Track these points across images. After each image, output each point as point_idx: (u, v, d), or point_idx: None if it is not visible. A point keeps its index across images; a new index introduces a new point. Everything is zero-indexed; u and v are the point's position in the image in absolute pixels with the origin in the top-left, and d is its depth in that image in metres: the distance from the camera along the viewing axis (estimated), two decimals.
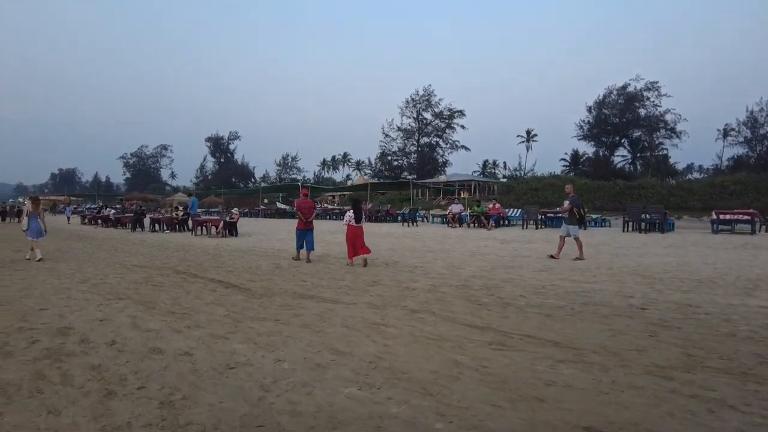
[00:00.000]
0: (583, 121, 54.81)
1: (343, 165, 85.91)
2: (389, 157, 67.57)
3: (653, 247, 11.04)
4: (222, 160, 78.44)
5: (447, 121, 65.56)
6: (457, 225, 18.67)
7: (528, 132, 69.95)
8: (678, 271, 7.36)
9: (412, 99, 65.52)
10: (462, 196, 47.88)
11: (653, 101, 50.67)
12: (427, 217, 24.51)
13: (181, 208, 18.27)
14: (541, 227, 17.74)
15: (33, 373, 3.15)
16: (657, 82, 49.81)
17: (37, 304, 5.32)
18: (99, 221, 25.36)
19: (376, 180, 59.56)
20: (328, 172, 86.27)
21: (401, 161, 67.04)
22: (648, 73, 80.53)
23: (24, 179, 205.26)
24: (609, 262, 8.40)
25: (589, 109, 54.37)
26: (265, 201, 42.38)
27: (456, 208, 19.26)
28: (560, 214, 13.82)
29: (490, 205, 19.00)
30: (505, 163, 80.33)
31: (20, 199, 66.95)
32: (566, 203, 9.06)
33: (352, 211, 8.60)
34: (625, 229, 16.19)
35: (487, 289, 6.03)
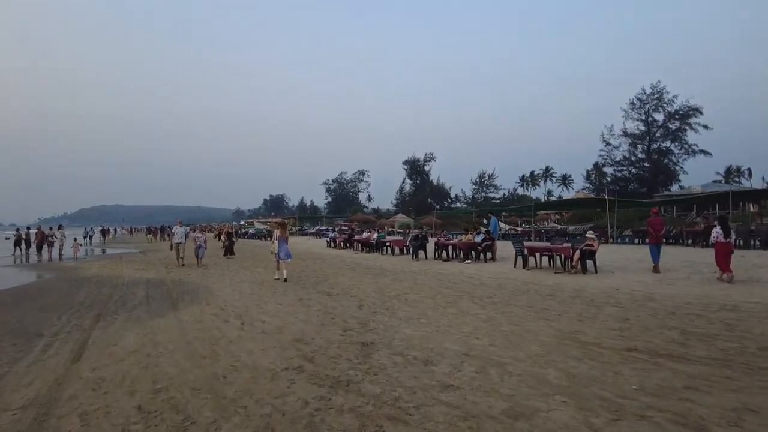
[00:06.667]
0: None
1: (545, 180, 78.57)
2: (609, 168, 58.53)
3: None
4: (418, 181, 79.94)
5: (681, 121, 53.91)
6: None
7: None
8: None
9: (639, 99, 55.88)
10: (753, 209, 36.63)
11: None
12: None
13: (482, 230, 15.85)
14: None
15: None
16: None
17: None
18: (354, 245, 23.42)
19: (595, 194, 51.49)
20: (526, 189, 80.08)
21: (626, 171, 57.15)
22: None
23: (241, 204, 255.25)
24: None
25: None
26: (485, 221, 39.70)
27: None
28: None
29: None
30: (750, 169, 63.48)
31: (242, 222, 78.79)
32: None
33: (720, 227, 8.83)
34: None
35: None
